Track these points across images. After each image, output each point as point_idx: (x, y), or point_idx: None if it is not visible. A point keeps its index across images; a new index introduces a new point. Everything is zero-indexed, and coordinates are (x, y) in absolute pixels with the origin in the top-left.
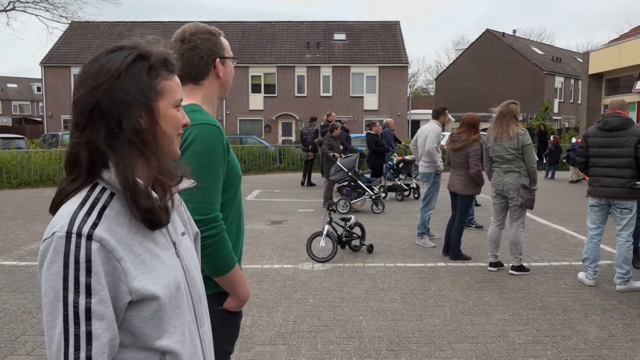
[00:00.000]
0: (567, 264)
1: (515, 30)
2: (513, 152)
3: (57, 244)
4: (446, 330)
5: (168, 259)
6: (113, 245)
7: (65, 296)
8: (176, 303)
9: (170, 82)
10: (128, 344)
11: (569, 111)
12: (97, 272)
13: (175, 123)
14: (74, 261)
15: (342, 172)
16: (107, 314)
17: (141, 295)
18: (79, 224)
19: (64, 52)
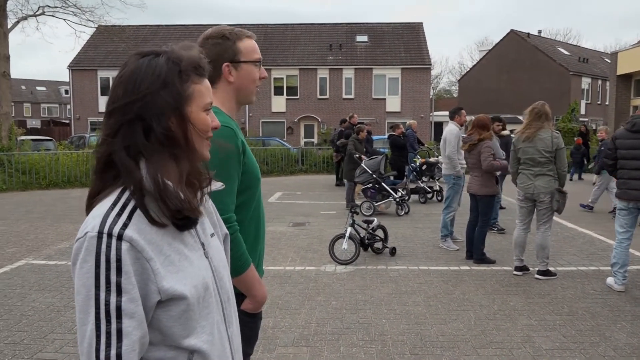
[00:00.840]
0: (595, 269)
1: (541, 30)
2: (546, 155)
3: (89, 243)
4: (470, 334)
5: (196, 260)
6: (142, 246)
7: (97, 294)
8: (204, 303)
9: (200, 86)
10: (157, 342)
11: (596, 113)
12: (127, 272)
13: (205, 126)
14: (105, 260)
15: (367, 174)
16: (137, 312)
17: (169, 295)
18: (110, 224)
19: (91, 55)
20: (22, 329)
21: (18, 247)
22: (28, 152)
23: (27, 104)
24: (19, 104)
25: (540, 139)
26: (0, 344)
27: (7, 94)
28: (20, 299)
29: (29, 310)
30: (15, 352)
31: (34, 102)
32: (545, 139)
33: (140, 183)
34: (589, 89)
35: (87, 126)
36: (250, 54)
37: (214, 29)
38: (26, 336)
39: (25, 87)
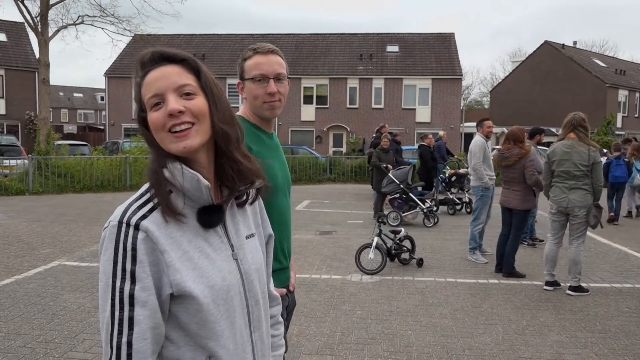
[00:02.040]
0: (630, 286)
1: (576, 41)
2: (583, 168)
3: (110, 232)
4: (498, 349)
5: (220, 261)
6: (157, 237)
7: (113, 281)
8: (224, 306)
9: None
10: (178, 340)
11: (634, 126)
12: (141, 261)
13: (154, 126)
14: (123, 249)
15: (394, 184)
16: (149, 301)
17: (180, 290)
18: (130, 214)
19: (126, 63)
20: (53, 328)
21: (52, 248)
22: (64, 157)
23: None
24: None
25: (577, 152)
26: (33, 342)
27: (46, 100)
28: (52, 299)
29: (61, 310)
30: (47, 351)
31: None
32: (582, 153)
33: (157, 179)
34: (626, 102)
35: (121, 132)
36: (250, 71)
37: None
38: (57, 335)
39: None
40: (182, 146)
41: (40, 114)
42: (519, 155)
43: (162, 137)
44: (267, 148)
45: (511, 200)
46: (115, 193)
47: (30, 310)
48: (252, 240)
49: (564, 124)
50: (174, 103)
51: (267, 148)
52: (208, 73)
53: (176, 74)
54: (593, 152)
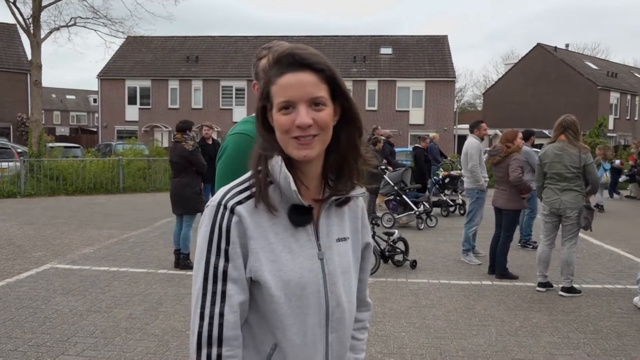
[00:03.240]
0: (621, 287)
1: (568, 44)
2: (574, 170)
3: (209, 212)
4: (491, 350)
5: (302, 258)
6: (248, 224)
7: (207, 257)
8: (297, 302)
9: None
10: (251, 320)
11: (625, 128)
12: (234, 242)
13: (279, 127)
14: (218, 228)
15: (389, 185)
16: (240, 279)
17: (256, 277)
18: (228, 198)
19: (120, 65)
20: (45, 332)
21: (44, 251)
22: (56, 159)
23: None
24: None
25: (568, 154)
26: (24, 346)
27: (38, 102)
28: (44, 302)
29: (53, 313)
30: (39, 355)
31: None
32: (573, 155)
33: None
34: (617, 104)
35: (114, 134)
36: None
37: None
38: (49, 339)
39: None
40: (303, 154)
41: (32, 116)
42: (503, 153)
43: (285, 139)
44: None
45: (498, 199)
46: (108, 195)
47: (21, 314)
48: (344, 243)
49: (555, 126)
50: (305, 117)
51: None
52: (342, 85)
53: (312, 85)
54: (584, 153)
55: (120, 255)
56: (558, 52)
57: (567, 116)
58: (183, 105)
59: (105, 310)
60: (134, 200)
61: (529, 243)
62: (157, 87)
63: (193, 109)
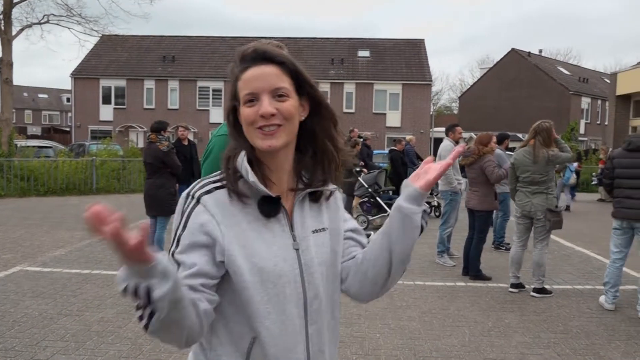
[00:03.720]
0: (590, 288)
1: (541, 50)
2: (544, 173)
3: (180, 199)
4: (464, 351)
5: (276, 247)
6: (215, 211)
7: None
8: (274, 290)
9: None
10: (228, 314)
11: (595, 132)
12: (190, 229)
13: (245, 119)
14: (181, 215)
15: (364, 187)
16: (185, 263)
17: (229, 262)
18: (197, 189)
19: (94, 64)
20: (14, 336)
21: (13, 254)
22: (27, 159)
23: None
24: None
25: (537, 159)
26: None
27: (8, 100)
28: (13, 305)
29: (22, 317)
30: (7, 359)
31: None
32: (542, 159)
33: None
34: (588, 109)
35: (88, 134)
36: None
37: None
38: (18, 343)
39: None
40: (267, 144)
41: (2, 114)
42: (475, 154)
43: (250, 131)
44: None
45: (470, 200)
46: (81, 196)
47: None
48: (321, 235)
49: (531, 131)
50: (267, 106)
51: None
52: (306, 76)
53: (274, 76)
54: (550, 152)
55: (93, 258)
56: (532, 57)
57: (542, 122)
58: (159, 106)
59: (76, 313)
60: (108, 202)
61: (502, 245)
62: (132, 87)
63: (169, 109)
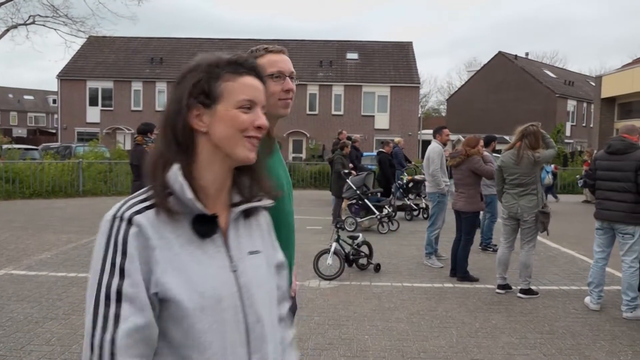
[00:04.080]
0: (576, 289)
1: (528, 53)
2: (532, 175)
3: (104, 226)
4: (452, 352)
5: (213, 269)
6: (150, 233)
7: (100, 276)
8: (214, 317)
9: (232, 83)
10: (161, 349)
11: (581, 135)
12: (131, 255)
13: (235, 123)
14: (114, 243)
15: (352, 190)
16: (138, 298)
17: (165, 292)
18: (124, 209)
19: (81, 65)
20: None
21: None
22: (13, 161)
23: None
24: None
25: (524, 161)
26: None
27: None
28: None
29: (7, 321)
30: None
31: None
32: (529, 161)
33: (159, 183)
34: (574, 111)
35: (74, 136)
36: (265, 68)
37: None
38: (2, 347)
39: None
40: (252, 156)
41: None
42: (463, 155)
43: (237, 137)
44: (274, 153)
45: (457, 202)
46: (67, 199)
47: None
48: (257, 256)
49: (517, 133)
50: (265, 119)
51: (274, 153)
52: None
53: (263, 92)
54: (536, 154)
55: (79, 261)
56: (518, 60)
57: (530, 125)
58: (146, 108)
59: (62, 317)
60: (94, 204)
61: (489, 246)
62: (119, 89)
63: (157, 111)
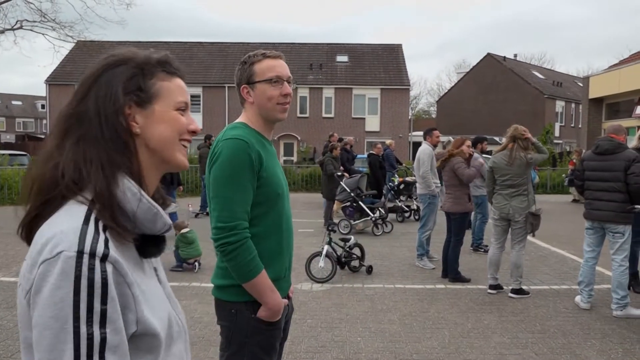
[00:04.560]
0: (567, 288)
1: (516, 54)
2: (524, 175)
3: (65, 265)
4: (444, 352)
5: (156, 290)
6: (126, 270)
7: (75, 327)
8: (172, 337)
9: (168, 83)
10: None
11: (570, 135)
12: (113, 298)
13: (176, 126)
14: (88, 285)
15: (346, 192)
16: (121, 344)
17: (146, 328)
18: (91, 242)
19: (69, 70)
20: None
21: None
22: (1, 167)
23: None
24: None
25: (516, 162)
26: None
27: None
28: None
29: None
30: None
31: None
32: (521, 161)
33: (107, 201)
34: (562, 112)
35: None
36: (264, 73)
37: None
38: None
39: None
40: (186, 162)
41: None
42: (445, 156)
43: (174, 142)
44: (271, 155)
45: (445, 203)
46: None
47: None
48: (158, 261)
49: (508, 135)
50: (197, 123)
51: (271, 155)
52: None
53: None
54: (528, 155)
55: None
56: (507, 61)
57: (517, 127)
58: None
59: None
60: None
61: (480, 247)
62: None
63: None
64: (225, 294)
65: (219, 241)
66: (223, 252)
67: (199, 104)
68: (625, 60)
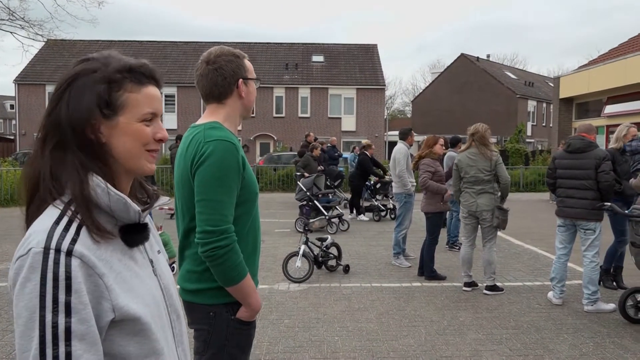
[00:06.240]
0: (539, 284)
1: (489, 55)
2: (488, 173)
3: (33, 260)
4: (421, 350)
5: (147, 278)
6: (94, 262)
7: (42, 315)
8: (160, 323)
9: (135, 95)
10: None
11: (541, 134)
12: (77, 290)
13: (139, 138)
14: (53, 278)
15: (302, 191)
16: (89, 334)
17: (124, 314)
18: (58, 239)
19: (39, 70)
20: None
21: None
22: None
23: None
24: None
25: (481, 159)
26: None
27: None
28: None
29: None
30: None
31: None
32: (487, 159)
33: (83, 195)
34: (534, 112)
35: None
36: (252, 72)
37: (217, 48)
38: None
39: None
40: (154, 168)
41: None
42: (417, 158)
43: (140, 151)
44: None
45: (421, 203)
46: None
47: None
48: (161, 255)
49: (469, 133)
50: (165, 132)
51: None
52: None
53: (162, 103)
54: (495, 156)
55: None
56: (480, 62)
57: (479, 125)
58: None
59: None
60: None
61: (456, 244)
62: None
63: None
64: (201, 298)
65: (208, 245)
66: (213, 256)
67: (173, 104)
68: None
